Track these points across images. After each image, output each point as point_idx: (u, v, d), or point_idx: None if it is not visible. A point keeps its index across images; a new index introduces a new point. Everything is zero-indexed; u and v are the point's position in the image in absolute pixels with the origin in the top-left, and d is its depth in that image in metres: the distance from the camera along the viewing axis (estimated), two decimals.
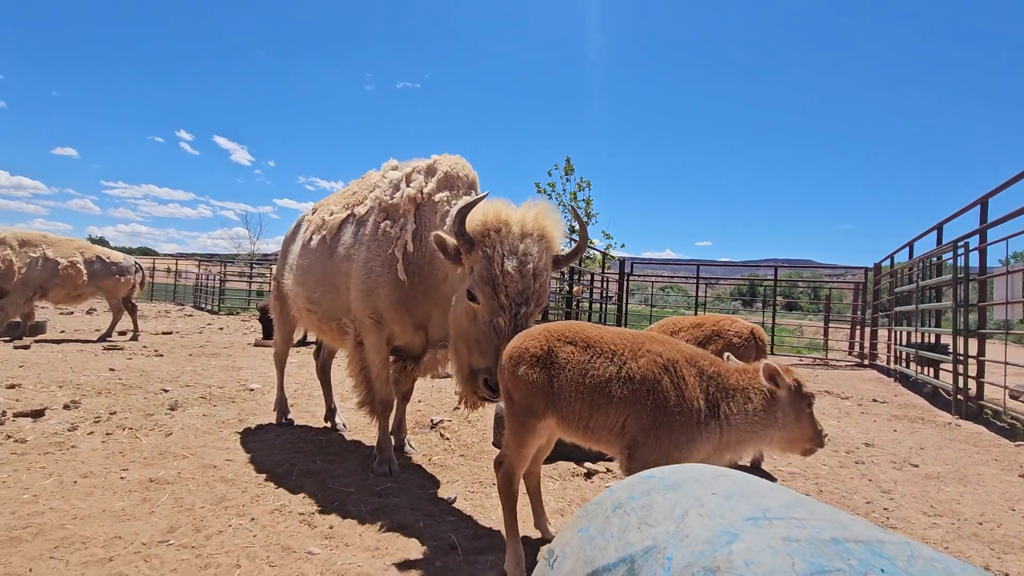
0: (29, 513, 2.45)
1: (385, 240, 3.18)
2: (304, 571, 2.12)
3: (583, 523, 1.07)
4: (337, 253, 3.45)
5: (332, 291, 3.50)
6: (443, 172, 3.26)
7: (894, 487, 3.62)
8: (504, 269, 2.43)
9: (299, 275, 3.80)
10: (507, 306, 2.42)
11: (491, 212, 2.56)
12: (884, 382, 9.18)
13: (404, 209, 3.20)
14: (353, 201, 3.59)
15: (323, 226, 3.65)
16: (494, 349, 2.38)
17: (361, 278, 3.21)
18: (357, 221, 3.42)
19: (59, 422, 3.88)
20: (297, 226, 4.30)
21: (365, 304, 3.20)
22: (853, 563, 0.78)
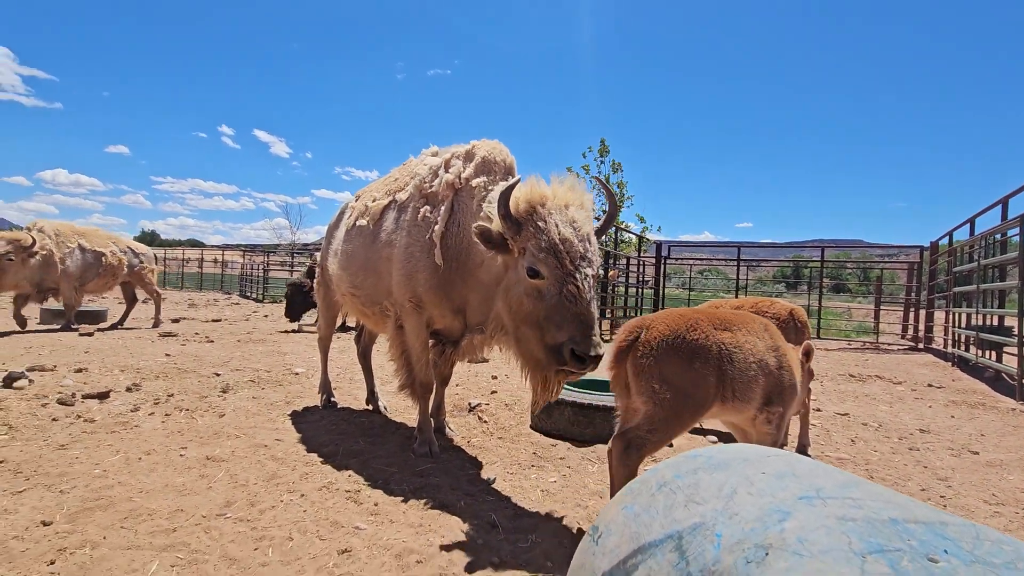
0: (100, 487, 2.62)
1: (424, 225, 3.20)
2: (352, 545, 2.20)
3: (628, 500, 1.07)
4: (379, 239, 3.50)
5: (374, 276, 3.56)
6: (481, 157, 3.25)
7: (951, 474, 3.46)
8: (563, 235, 2.44)
9: (343, 261, 3.87)
10: (573, 271, 2.41)
11: (530, 190, 2.57)
12: (940, 366, 8.74)
13: (443, 195, 3.21)
14: (395, 187, 3.63)
15: (366, 212, 3.70)
16: (572, 317, 2.37)
17: (401, 263, 3.25)
18: (398, 207, 3.46)
19: (123, 403, 4.13)
20: (341, 213, 4.37)
21: (405, 288, 3.25)
22: (914, 544, 0.75)
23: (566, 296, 2.39)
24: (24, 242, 7.84)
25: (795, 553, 0.71)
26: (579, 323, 2.36)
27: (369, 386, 4.64)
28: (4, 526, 2.19)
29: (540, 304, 2.48)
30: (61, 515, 2.31)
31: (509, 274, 2.67)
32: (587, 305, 2.39)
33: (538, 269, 2.46)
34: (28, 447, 3.11)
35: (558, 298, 2.41)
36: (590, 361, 2.37)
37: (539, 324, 2.50)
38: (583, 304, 2.38)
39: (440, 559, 2.13)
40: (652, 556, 0.87)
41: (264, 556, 2.09)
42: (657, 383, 2.20)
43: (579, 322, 2.37)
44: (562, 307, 2.40)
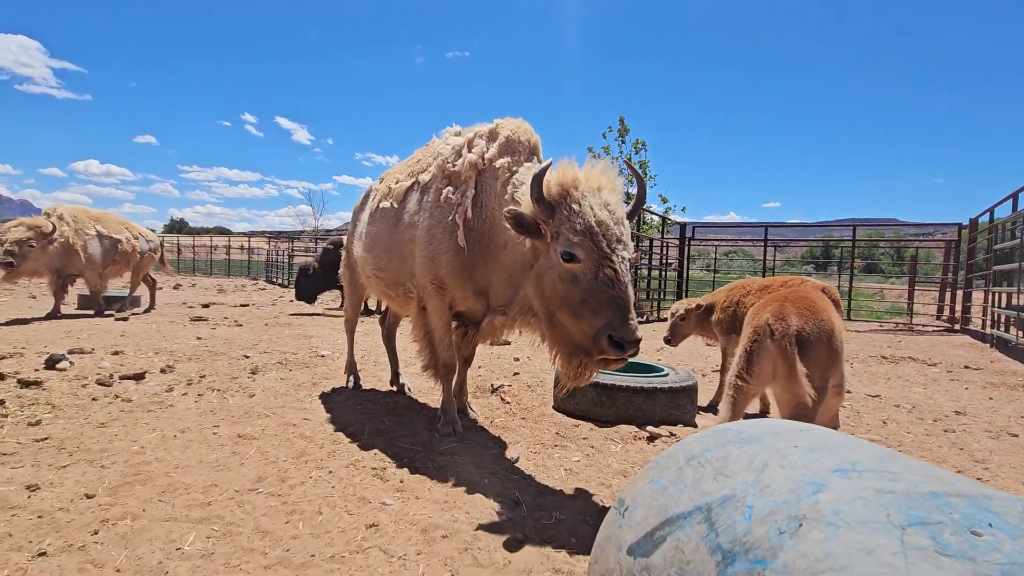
0: (138, 462, 2.72)
1: (447, 207, 3.17)
2: (379, 520, 2.24)
3: (654, 474, 1.06)
4: (403, 220, 3.48)
5: (398, 258, 3.54)
6: (505, 137, 3.17)
7: (989, 456, 3.36)
8: (599, 218, 2.39)
9: (367, 243, 3.87)
10: (610, 254, 2.37)
11: (562, 173, 2.52)
12: (978, 348, 8.45)
13: (466, 175, 3.15)
14: (418, 169, 3.58)
15: (389, 194, 3.69)
16: (610, 301, 2.33)
17: (424, 244, 3.24)
18: (421, 188, 3.42)
19: (157, 384, 4.27)
20: (365, 196, 4.35)
21: (427, 270, 3.23)
22: (956, 517, 0.73)
23: (603, 280, 2.34)
24: (44, 228, 7.81)
25: (830, 524, 0.69)
26: (617, 307, 2.32)
27: (393, 367, 4.70)
28: (51, 498, 2.30)
29: (575, 289, 2.42)
30: (103, 488, 2.41)
31: (541, 259, 2.62)
32: (624, 289, 2.35)
33: (574, 253, 2.40)
34: (70, 425, 3.24)
35: (594, 282, 2.36)
36: (628, 347, 2.32)
37: (574, 310, 2.44)
38: (620, 288, 2.34)
39: (465, 534, 2.16)
40: (680, 528, 0.86)
41: (295, 529, 2.15)
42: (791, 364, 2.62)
43: (617, 306, 2.32)
44: (599, 291, 2.35)
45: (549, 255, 2.54)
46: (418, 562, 1.95)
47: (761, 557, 0.71)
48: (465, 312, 3.39)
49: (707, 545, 0.80)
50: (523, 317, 2.93)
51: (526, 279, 2.77)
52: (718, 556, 0.77)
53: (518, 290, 2.92)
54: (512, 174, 3.01)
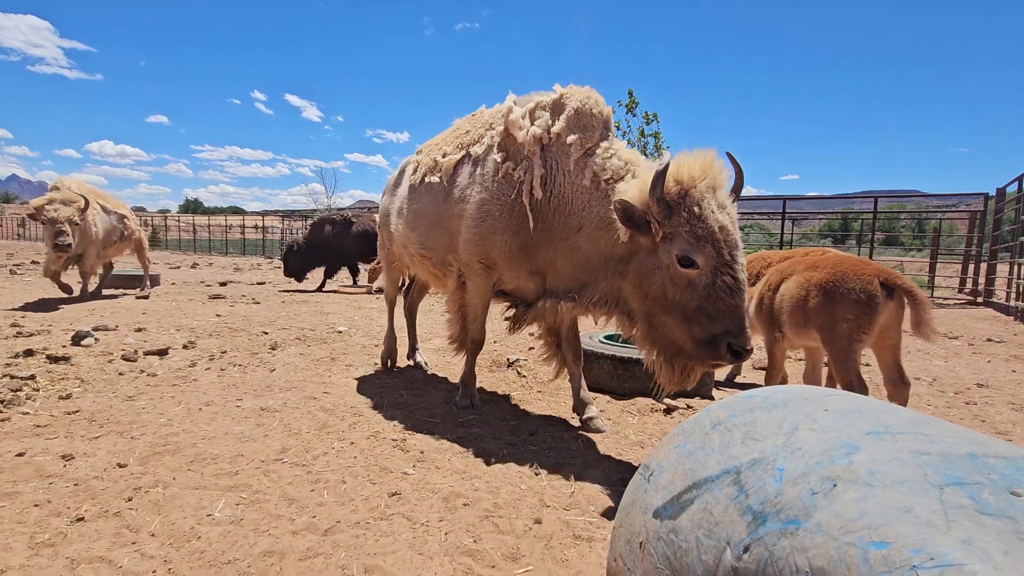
0: (167, 434, 2.80)
1: (506, 183, 2.96)
2: (401, 488, 2.29)
3: (680, 440, 1.06)
4: (452, 195, 3.27)
5: (446, 235, 3.34)
6: (573, 109, 2.90)
7: (1012, 428, 3.32)
8: (720, 222, 2.28)
9: (410, 219, 3.65)
10: (731, 260, 2.27)
11: (680, 170, 2.35)
12: (1002, 320, 8.29)
13: (529, 150, 2.93)
14: (467, 140, 3.34)
15: (436, 168, 3.45)
16: (729, 309, 2.25)
17: (476, 221, 3.04)
18: (473, 162, 3.20)
19: (181, 359, 4.36)
20: (401, 171, 4.09)
21: (476, 248, 3.06)
22: (994, 477, 0.71)
23: (721, 287, 2.26)
24: (80, 203, 7.14)
25: (866, 484, 0.69)
26: (735, 315, 2.25)
27: (411, 341, 4.71)
28: (85, 467, 2.38)
29: (691, 294, 2.32)
30: (134, 459, 2.49)
31: (643, 256, 2.49)
32: (743, 296, 2.28)
33: (693, 258, 2.29)
34: (99, 398, 3.34)
35: (712, 288, 2.27)
36: (746, 355, 2.30)
37: (688, 315, 2.35)
38: (739, 296, 2.26)
39: (486, 502, 2.20)
40: (709, 491, 0.86)
41: (320, 497, 2.20)
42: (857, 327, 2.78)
43: (735, 314, 2.26)
44: (717, 298, 2.27)
45: (657, 255, 2.41)
46: (440, 528, 2.00)
47: (794, 517, 0.71)
48: (513, 291, 3.24)
49: (737, 506, 0.80)
50: (602, 308, 2.77)
51: (615, 272, 2.65)
52: (748, 517, 0.77)
53: (593, 278, 2.79)
54: (588, 153, 2.81)
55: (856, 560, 0.60)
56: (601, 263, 2.73)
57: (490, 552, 1.86)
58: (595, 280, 2.79)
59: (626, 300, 2.66)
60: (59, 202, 6.94)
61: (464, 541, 1.92)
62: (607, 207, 2.63)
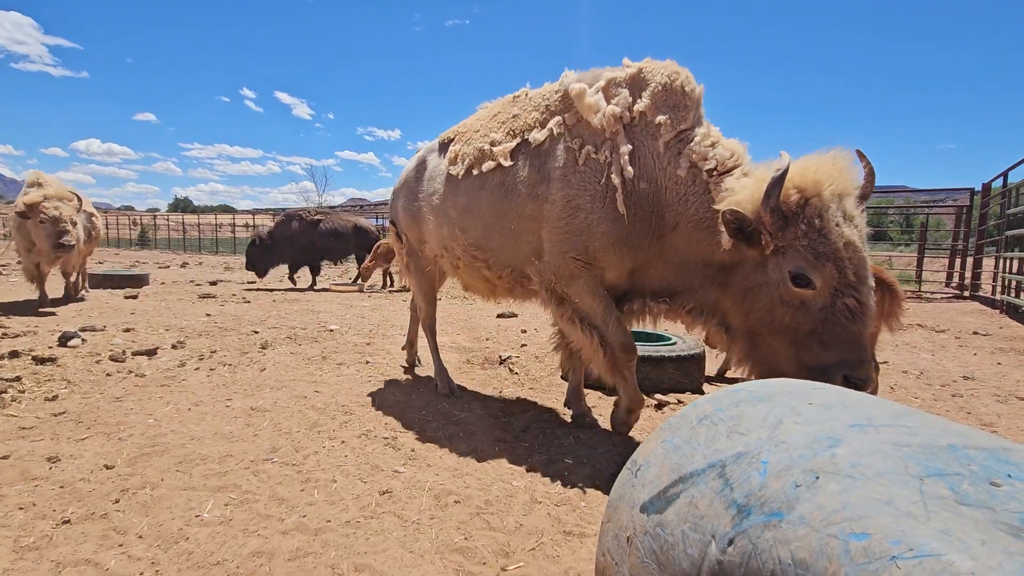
0: (155, 435, 2.77)
1: (590, 170, 2.61)
2: (392, 486, 2.28)
3: (667, 434, 1.06)
4: (516, 191, 2.85)
5: (510, 237, 2.94)
6: (659, 85, 2.56)
7: (997, 420, 3.36)
8: (847, 239, 1.96)
9: (459, 217, 3.17)
10: (856, 283, 1.97)
11: (804, 175, 2.02)
12: (987, 314, 8.40)
13: (610, 131, 2.59)
14: (520, 126, 2.94)
15: (485, 158, 3.02)
16: (847, 337, 1.97)
17: (564, 219, 2.67)
18: (536, 152, 2.81)
19: (170, 359, 4.32)
20: (421, 162, 3.64)
21: (570, 247, 2.68)
22: (975, 468, 0.72)
23: (841, 311, 1.97)
24: (75, 202, 6.75)
25: (848, 476, 0.69)
26: (854, 344, 1.98)
27: (410, 337, 4.47)
28: (71, 469, 2.35)
29: (803, 317, 2.05)
30: (121, 460, 2.46)
31: (747, 268, 2.20)
32: (867, 323, 1.99)
33: (810, 277, 1.99)
34: (86, 400, 3.30)
35: (830, 312, 1.99)
36: (863, 388, 1.99)
37: (797, 339, 2.08)
38: (861, 321, 1.98)
39: (477, 499, 2.20)
40: (695, 484, 0.87)
41: (310, 496, 2.19)
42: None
43: (854, 343, 1.98)
44: (834, 324, 1.99)
45: (766, 270, 2.13)
46: (431, 526, 1.99)
47: (777, 510, 0.71)
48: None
49: (722, 500, 0.80)
50: (696, 318, 2.53)
51: (714, 281, 2.39)
52: (733, 510, 0.77)
53: (689, 284, 2.52)
54: (682, 139, 2.48)
55: (837, 552, 0.61)
56: (699, 269, 2.44)
57: (481, 549, 1.86)
58: (690, 287, 2.51)
59: (724, 314, 2.39)
60: (55, 199, 6.48)
61: (455, 538, 1.92)
62: (707, 205, 2.33)
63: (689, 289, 2.52)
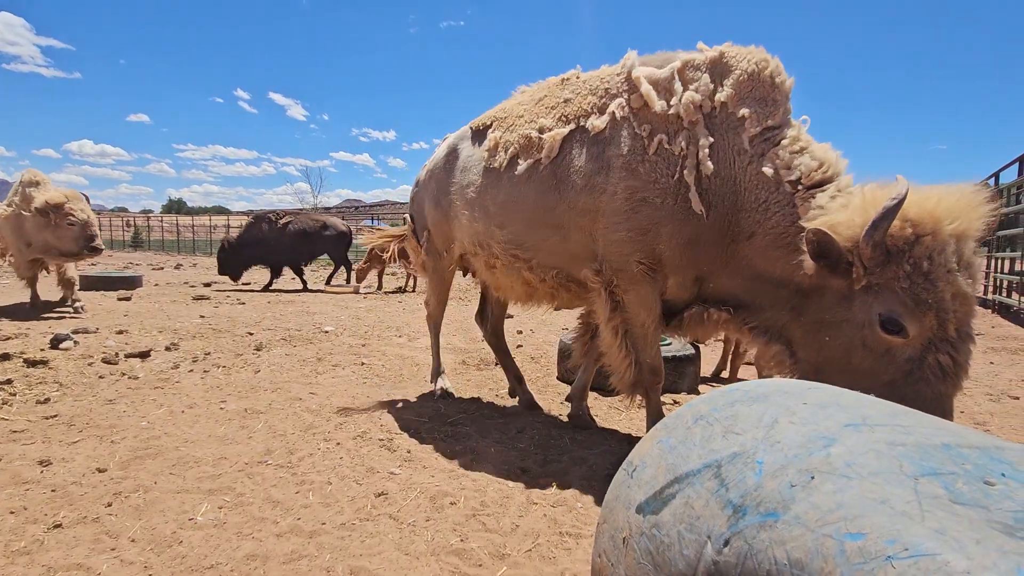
0: (148, 437, 2.75)
1: (661, 161, 2.33)
2: (387, 488, 2.27)
3: (662, 435, 1.06)
4: (569, 182, 2.56)
5: (558, 234, 2.67)
6: (744, 73, 2.27)
7: (990, 419, 3.38)
8: (957, 289, 1.69)
9: (497, 212, 2.88)
10: (958, 341, 1.71)
11: (921, 208, 1.74)
12: (980, 314, 8.45)
13: (688, 119, 2.30)
14: (573, 111, 2.65)
15: (532, 146, 2.71)
16: (932, 398, 1.71)
17: (626, 213, 2.39)
18: (594, 139, 2.52)
19: (163, 361, 4.30)
20: (452, 153, 3.28)
21: (633, 247, 2.41)
22: (969, 467, 0.72)
23: (931, 367, 1.71)
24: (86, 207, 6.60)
25: (843, 476, 0.69)
26: (937, 408, 1.68)
27: (512, 372, 3.67)
28: (63, 473, 2.33)
29: (885, 366, 1.80)
30: (114, 463, 2.44)
31: (831, 300, 1.95)
32: (957, 385, 1.74)
33: (904, 325, 1.73)
34: (79, 402, 3.27)
35: (917, 366, 1.73)
36: None
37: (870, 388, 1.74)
38: (951, 384, 1.72)
39: (473, 501, 2.19)
40: (690, 485, 0.86)
41: (305, 499, 2.18)
42: None
43: (939, 406, 1.70)
44: (919, 380, 1.73)
45: (851, 305, 1.86)
46: (427, 528, 1.98)
47: (772, 510, 0.71)
48: (668, 301, 2.58)
49: (717, 500, 0.80)
50: (758, 338, 2.28)
51: (786, 304, 2.15)
52: (728, 511, 0.77)
53: (757, 301, 2.28)
54: (768, 138, 2.21)
55: (833, 551, 0.61)
56: (771, 287, 2.21)
57: (477, 551, 1.85)
58: (757, 305, 2.28)
59: (792, 342, 2.15)
60: (76, 200, 6.35)
61: (451, 540, 1.91)
62: (791, 219, 2.08)
63: (756, 307, 2.29)
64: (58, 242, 6.25)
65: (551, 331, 6.29)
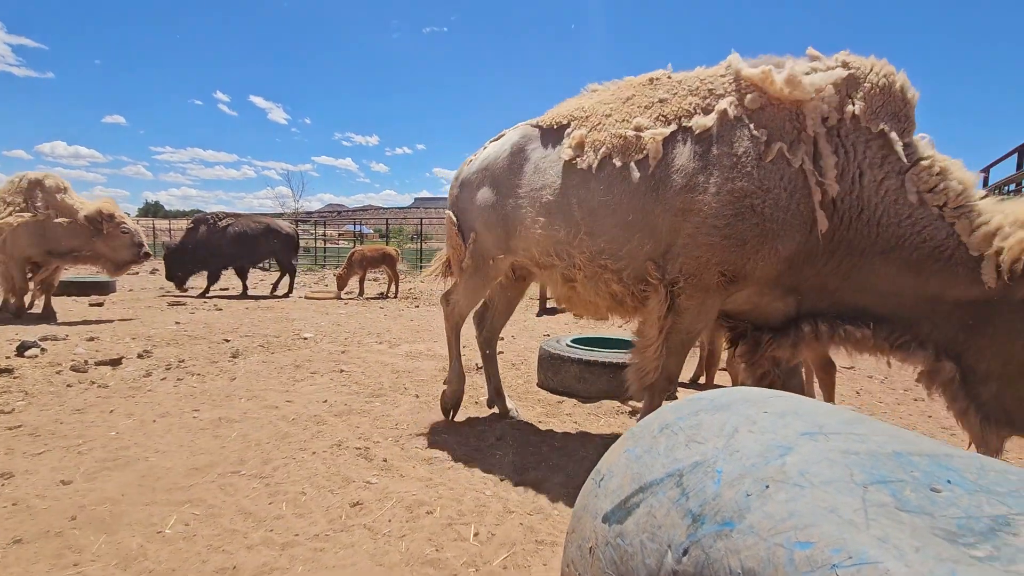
0: (116, 447, 2.69)
1: (778, 170, 2.17)
2: (363, 498, 2.25)
3: (629, 444, 1.07)
4: (668, 182, 2.36)
5: (651, 240, 2.44)
6: (875, 86, 2.17)
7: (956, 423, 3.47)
8: None
9: (587, 218, 2.61)
10: None
11: None
12: None
13: (813, 131, 2.17)
14: (673, 111, 2.48)
15: (629, 147, 2.50)
16: None
17: (726, 218, 2.21)
18: (698, 138, 2.35)
19: (135, 369, 4.20)
20: (519, 152, 2.95)
21: (723, 256, 2.25)
22: (917, 475, 0.75)
23: None
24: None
25: (796, 485, 0.71)
26: None
27: (494, 383, 3.57)
28: (25, 485, 2.26)
29: None
30: (80, 475, 2.38)
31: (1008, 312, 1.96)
32: None
33: None
34: (44, 412, 3.18)
35: None
36: None
37: None
38: None
39: (450, 510, 2.18)
40: (653, 494, 0.88)
41: (278, 509, 2.15)
42: None
43: None
44: None
45: None
46: (402, 538, 1.97)
47: (728, 519, 0.72)
48: (747, 311, 2.48)
49: (678, 509, 0.81)
50: (911, 354, 2.18)
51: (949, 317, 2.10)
52: (688, 520, 0.78)
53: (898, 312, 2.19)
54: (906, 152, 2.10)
55: (783, 560, 0.62)
56: (918, 300, 2.14)
57: (452, 561, 1.84)
58: (902, 318, 2.19)
59: (965, 355, 2.09)
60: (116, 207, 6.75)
61: (426, 550, 1.90)
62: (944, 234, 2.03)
63: (901, 320, 2.19)
64: (111, 252, 6.61)
65: (532, 337, 6.30)
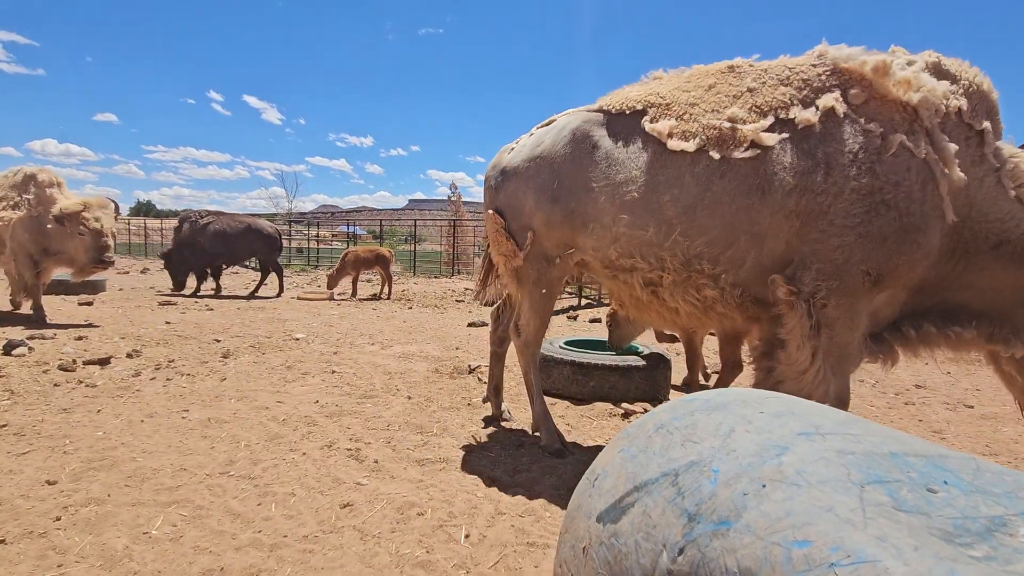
0: (103, 448, 2.65)
1: (903, 163, 2.11)
2: (353, 500, 2.23)
3: (624, 444, 1.06)
4: (776, 181, 2.23)
5: (755, 243, 2.29)
6: (970, 84, 2.21)
7: (946, 427, 3.50)
8: None
9: (681, 217, 2.38)
10: None
11: None
12: None
13: (929, 122, 2.14)
14: (766, 102, 2.34)
15: (727, 139, 2.33)
16: None
17: (859, 216, 2.12)
18: (802, 133, 2.23)
19: (124, 369, 4.14)
20: (584, 139, 2.69)
21: (864, 254, 2.13)
22: (913, 475, 0.74)
23: None
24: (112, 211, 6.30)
25: (792, 484, 0.70)
26: None
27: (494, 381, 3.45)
28: (9, 486, 2.22)
29: None
30: (65, 475, 2.34)
31: None
32: None
33: None
34: (30, 412, 3.13)
35: None
36: None
37: None
38: None
39: (441, 511, 2.16)
40: (648, 494, 0.87)
41: (267, 511, 2.12)
42: None
43: None
44: None
45: None
46: (392, 540, 1.95)
47: (725, 518, 0.72)
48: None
49: (673, 509, 0.80)
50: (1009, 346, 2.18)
51: None
52: (684, 519, 0.77)
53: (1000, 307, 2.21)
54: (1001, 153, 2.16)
55: (780, 559, 0.61)
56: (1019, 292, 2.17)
57: (442, 563, 1.82)
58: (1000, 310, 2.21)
59: None
60: (96, 207, 5.97)
61: (416, 552, 1.88)
62: None
63: (998, 314, 2.21)
64: (74, 253, 5.89)
65: None
